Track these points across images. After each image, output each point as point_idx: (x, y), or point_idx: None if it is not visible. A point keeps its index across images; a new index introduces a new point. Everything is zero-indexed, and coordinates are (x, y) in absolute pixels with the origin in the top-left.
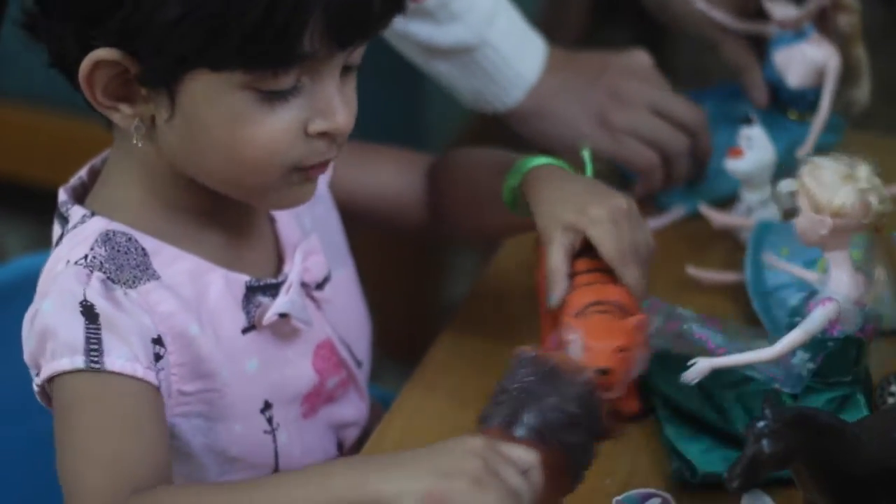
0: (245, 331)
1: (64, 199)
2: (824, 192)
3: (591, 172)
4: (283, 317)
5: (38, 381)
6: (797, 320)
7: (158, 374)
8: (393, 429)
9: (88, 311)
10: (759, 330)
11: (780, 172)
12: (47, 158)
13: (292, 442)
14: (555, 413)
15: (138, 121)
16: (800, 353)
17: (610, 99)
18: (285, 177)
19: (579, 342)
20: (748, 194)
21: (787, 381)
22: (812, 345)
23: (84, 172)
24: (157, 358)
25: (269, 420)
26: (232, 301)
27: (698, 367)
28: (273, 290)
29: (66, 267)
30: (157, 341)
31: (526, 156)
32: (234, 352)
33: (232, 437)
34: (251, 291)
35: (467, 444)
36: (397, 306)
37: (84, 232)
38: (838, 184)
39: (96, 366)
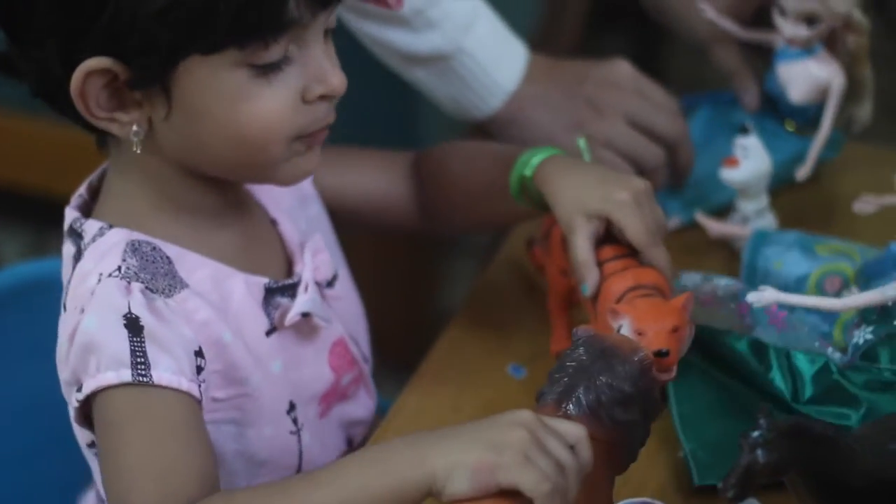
0: (268, 333)
1: (75, 216)
2: None
3: (588, 161)
4: (305, 316)
5: (79, 398)
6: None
7: (200, 387)
8: (390, 434)
9: (133, 324)
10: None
11: (776, 182)
12: (44, 166)
13: (313, 441)
14: (609, 391)
15: (136, 126)
16: (864, 326)
17: (588, 109)
18: (290, 147)
19: (629, 327)
20: (744, 204)
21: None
22: (881, 317)
23: (83, 190)
24: (199, 370)
25: (294, 420)
26: (254, 304)
27: (764, 294)
28: (290, 291)
29: (101, 280)
30: (199, 353)
31: (529, 147)
32: (261, 355)
33: (262, 440)
34: (270, 293)
35: (516, 416)
36: (394, 314)
37: (107, 243)
38: None
39: (144, 379)
